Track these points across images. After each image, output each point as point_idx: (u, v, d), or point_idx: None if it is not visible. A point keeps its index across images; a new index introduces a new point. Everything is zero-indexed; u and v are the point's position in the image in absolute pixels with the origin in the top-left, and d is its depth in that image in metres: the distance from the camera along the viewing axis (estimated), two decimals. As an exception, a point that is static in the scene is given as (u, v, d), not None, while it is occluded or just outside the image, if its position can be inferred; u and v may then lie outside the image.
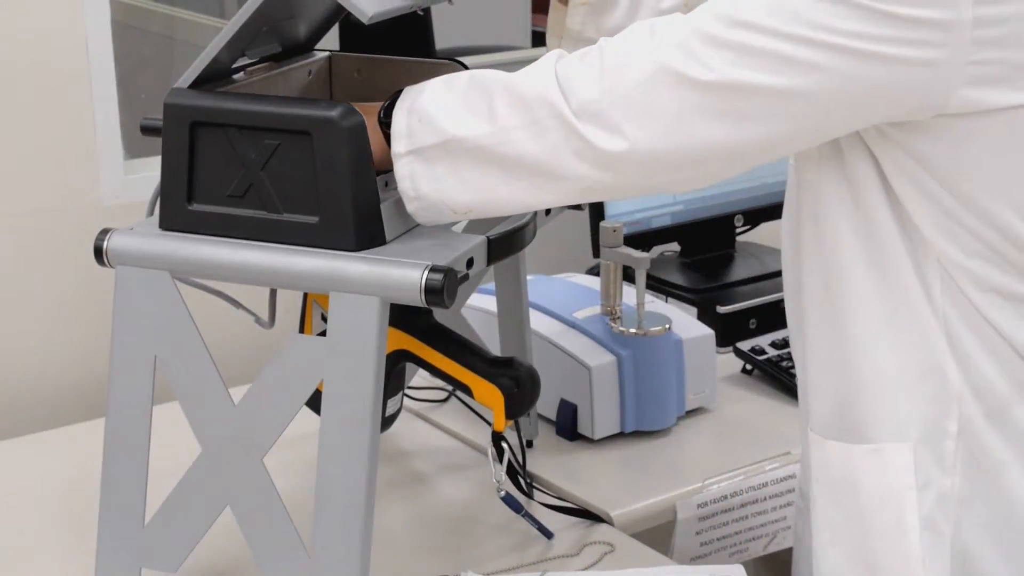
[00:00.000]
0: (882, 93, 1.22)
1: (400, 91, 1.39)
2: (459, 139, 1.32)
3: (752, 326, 2.16)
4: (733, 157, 1.28)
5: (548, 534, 1.64)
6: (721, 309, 2.15)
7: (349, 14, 1.42)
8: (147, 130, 1.52)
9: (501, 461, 1.55)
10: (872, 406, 1.35)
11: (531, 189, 1.33)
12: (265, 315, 1.60)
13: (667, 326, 1.86)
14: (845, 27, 1.19)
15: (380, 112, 1.39)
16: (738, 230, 2.35)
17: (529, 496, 1.70)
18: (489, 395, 1.53)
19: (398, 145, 1.36)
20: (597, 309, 1.91)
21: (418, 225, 1.42)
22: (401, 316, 1.48)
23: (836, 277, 1.35)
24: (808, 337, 1.40)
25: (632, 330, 1.85)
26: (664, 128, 1.25)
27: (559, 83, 1.29)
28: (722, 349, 2.06)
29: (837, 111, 1.24)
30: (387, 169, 1.38)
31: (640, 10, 1.59)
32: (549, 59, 1.33)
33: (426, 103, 1.35)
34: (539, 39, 4.06)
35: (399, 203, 1.39)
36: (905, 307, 1.32)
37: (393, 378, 1.56)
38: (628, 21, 1.59)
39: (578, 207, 1.63)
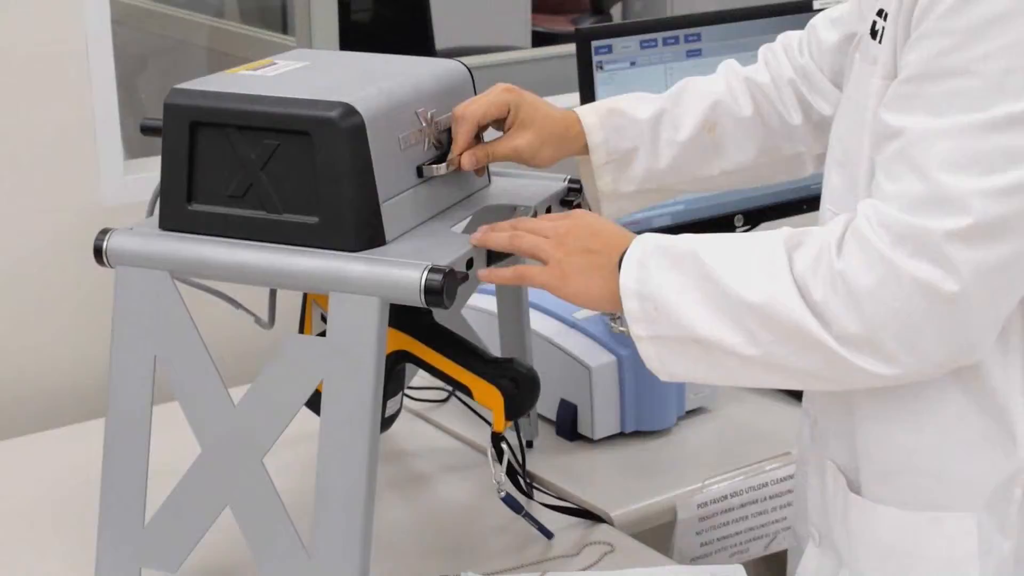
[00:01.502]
0: None
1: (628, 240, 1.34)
2: (713, 342, 1.29)
3: (752, 326, 2.15)
4: (1002, 320, 1.25)
5: (548, 534, 1.64)
6: (721, 309, 2.14)
7: (349, 12, 1.41)
8: (147, 130, 1.52)
9: (501, 461, 1.55)
10: (937, 472, 1.32)
11: (793, 383, 1.34)
12: (265, 315, 1.60)
13: (667, 326, 1.86)
14: None
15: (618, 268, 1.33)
16: (738, 230, 2.35)
17: (529, 496, 1.70)
18: (489, 396, 1.53)
19: (637, 328, 1.32)
20: (597, 309, 1.91)
21: (418, 225, 1.42)
22: (401, 316, 1.48)
23: None
24: (861, 400, 1.36)
25: (632, 330, 1.85)
26: (936, 342, 1.21)
27: (809, 308, 1.24)
28: (722, 349, 2.06)
29: None
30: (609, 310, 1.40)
31: (659, 146, 1.59)
32: (778, 260, 1.26)
33: (658, 292, 1.31)
34: (539, 39, 4.07)
35: (399, 203, 1.39)
36: (981, 368, 1.29)
37: (393, 378, 1.56)
38: (652, 161, 1.59)
39: (578, 206, 1.63)
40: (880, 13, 1.31)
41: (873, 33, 1.32)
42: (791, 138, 1.63)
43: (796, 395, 1.99)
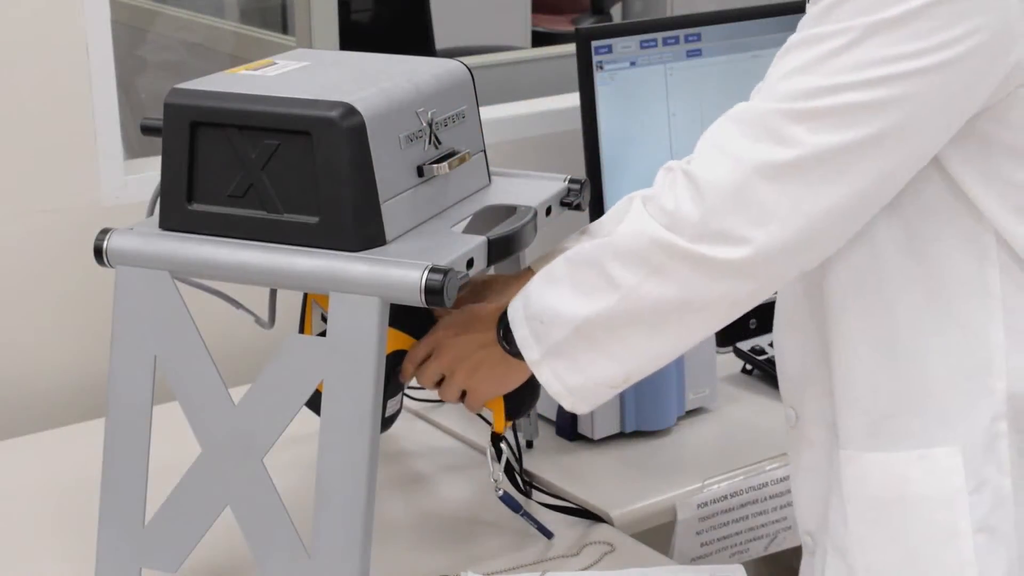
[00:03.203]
0: (963, 95, 1.23)
1: (503, 314, 1.40)
2: (590, 319, 1.33)
3: (752, 326, 2.15)
4: (855, 213, 1.28)
5: (548, 534, 1.64)
6: (721, 309, 2.14)
7: (349, 12, 1.41)
8: (147, 130, 1.52)
9: (499, 461, 1.55)
10: (919, 411, 1.33)
11: (681, 331, 1.33)
12: (265, 315, 1.60)
13: (667, 326, 1.86)
14: (900, 51, 1.20)
15: (499, 340, 1.40)
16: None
17: (527, 496, 1.70)
18: (489, 395, 1.53)
19: (531, 353, 1.37)
20: (597, 309, 1.91)
21: (418, 225, 1.42)
22: (401, 316, 1.48)
23: (875, 276, 1.34)
24: (838, 349, 1.37)
25: (632, 330, 1.85)
26: (780, 219, 1.25)
27: (660, 223, 1.29)
28: (722, 349, 2.06)
29: (930, 132, 1.24)
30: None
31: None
32: (635, 207, 1.33)
33: (538, 303, 1.36)
34: (539, 39, 4.07)
35: (399, 203, 1.39)
36: (958, 301, 1.31)
37: (393, 378, 1.56)
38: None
39: (578, 207, 1.63)
40: None
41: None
42: None
43: (796, 395, 1.99)
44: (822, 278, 1.37)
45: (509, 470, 1.65)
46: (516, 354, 1.39)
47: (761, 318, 2.17)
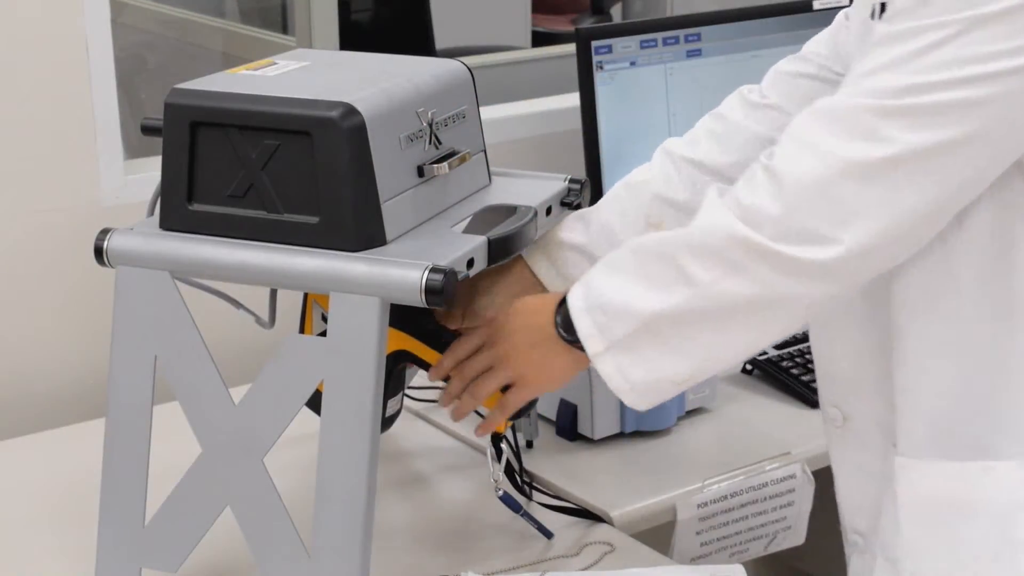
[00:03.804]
0: None
1: (562, 299, 1.36)
2: (659, 314, 1.28)
3: (752, 326, 2.15)
4: (940, 214, 1.25)
5: (548, 534, 1.64)
6: (721, 309, 2.14)
7: (349, 12, 1.41)
8: (147, 130, 1.52)
9: (500, 461, 1.55)
10: (986, 423, 1.32)
11: (754, 331, 1.29)
12: (265, 315, 1.60)
13: (667, 326, 1.86)
14: (999, 48, 1.17)
15: (557, 328, 1.36)
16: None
17: (527, 496, 1.70)
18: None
19: (594, 346, 1.32)
20: (597, 309, 1.91)
21: (418, 225, 1.42)
22: (401, 317, 1.48)
23: (949, 282, 1.31)
24: (903, 354, 1.35)
25: (632, 330, 1.85)
26: (867, 218, 1.21)
27: (739, 218, 1.24)
28: (722, 349, 2.05)
29: (1022, 132, 1.22)
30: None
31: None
32: (710, 199, 1.28)
33: (602, 295, 1.32)
34: (539, 39, 4.06)
35: (399, 203, 1.39)
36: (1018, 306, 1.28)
37: (393, 378, 1.56)
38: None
39: (578, 207, 1.63)
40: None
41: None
42: None
43: (797, 395, 1.99)
44: (889, 280, 1.34)
45: (509, 470, 1.65)
46: (576, 344, 1.34)
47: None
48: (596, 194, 2.11)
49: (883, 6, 1.27)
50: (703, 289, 1.26)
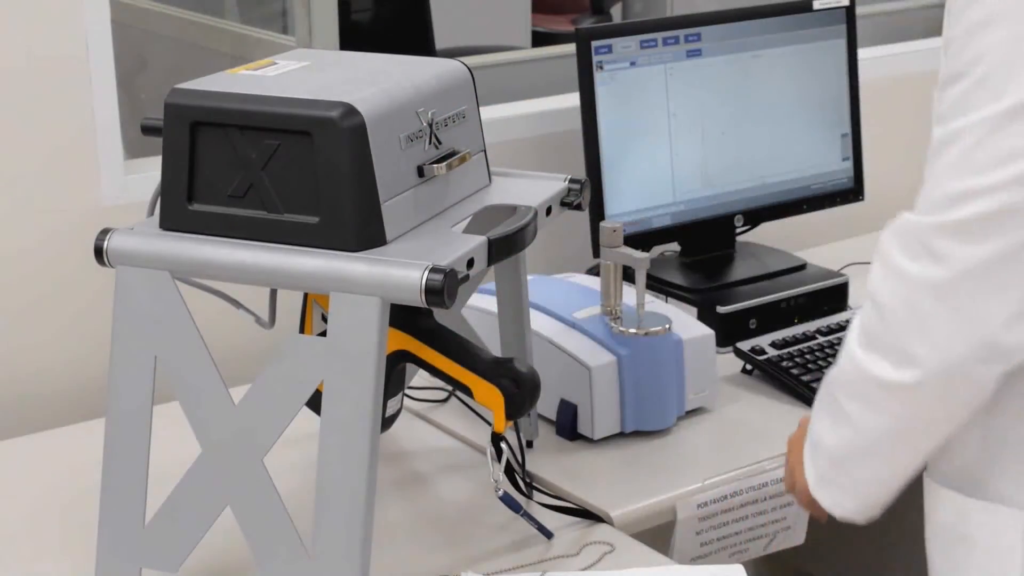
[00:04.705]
0: None
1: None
2: (836, 449, 1.38)
3: (752, 326, 2.15)
4: (1021, 313, 1.25)
5: (548, 534, 1.64)
6: (721, 309, 2.14)
7: (349, 12, 1.42)
8: (147, 130, 1.52)
9: (500, 461, 1.55)
10: (996, 468, 1.35)
11: (912, 453, 1.35)
12: (265, 315, 1.60)
13: (667, 326, 1.86)
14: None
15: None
16: (738, 230, 2.35)
17: (528, 496, 1.70)
18: (489, 396, 1.53)
19: (810, 478, 1.44)
20: (597, 309, 1.91)
21: (418, 225, 1.42)
22: (401, 316, 1.48)
23: None
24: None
25: (632, 330, 1.85)
26: (949, 336, 1.24)
27: (859, 345, 1.31)
28: (722, 349, 2.06)
29: None
30: None
31: None
32: (852, 323, 1.35)
33: (811, 426, 1.43)
34: (539, 39, 4.06)
35: (399, 203, 1.39)
36: None
37: (393, 378, 1.56)
38: None
39: (579, 207, 1.63)
40: None
41: None
42: None
43: (796, 395, 1.99)
44: None
45: (509, 470, 1.65)
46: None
47: (761, 318, 2.17)
48: (596, 194, 2.11)
49: None
50: (857, 425, 1.34)
